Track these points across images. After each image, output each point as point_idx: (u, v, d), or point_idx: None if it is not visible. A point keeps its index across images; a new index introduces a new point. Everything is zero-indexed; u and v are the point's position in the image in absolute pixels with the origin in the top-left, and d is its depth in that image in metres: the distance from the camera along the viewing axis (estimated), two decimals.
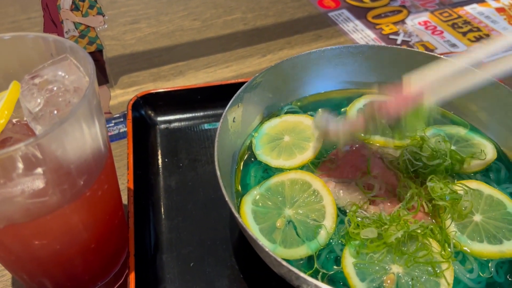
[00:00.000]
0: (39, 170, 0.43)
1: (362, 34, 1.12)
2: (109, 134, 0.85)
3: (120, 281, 0.65)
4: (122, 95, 0.92)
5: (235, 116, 0.68)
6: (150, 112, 0.86)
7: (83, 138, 0.46)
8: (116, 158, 0.82)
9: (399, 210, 0.60)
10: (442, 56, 0.73)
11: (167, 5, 1.19)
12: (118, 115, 0.88)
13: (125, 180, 0.75)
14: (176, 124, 0.86)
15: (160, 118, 0.86)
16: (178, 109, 0.87)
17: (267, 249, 0.50)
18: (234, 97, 0.67)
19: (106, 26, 0.74)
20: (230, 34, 1.10)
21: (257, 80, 0.70)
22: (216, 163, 0.59)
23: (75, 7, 0.69)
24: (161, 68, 0.99)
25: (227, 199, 0.54)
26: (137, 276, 0.61)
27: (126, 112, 0.82)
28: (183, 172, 0.78)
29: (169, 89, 0.86)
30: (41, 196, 0.45)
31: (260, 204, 0.62)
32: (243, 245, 0.69)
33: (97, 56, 0.77)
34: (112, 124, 0.87)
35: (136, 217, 0.67)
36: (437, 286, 0.54)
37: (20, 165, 0.42)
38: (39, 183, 0.44)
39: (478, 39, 1.10)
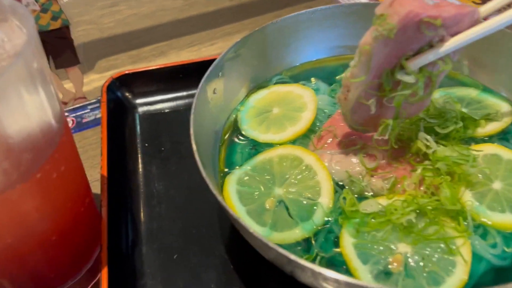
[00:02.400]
0: None
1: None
2: (85, 120, 0.78)
3: (95, 279, 0.58)
4: (99, 80, 0.85)
5: (215, 87, 0.60)
6: (127, 94, 0.78)
7: (23, 108, 0.39)
8: (93, 146, 0.75)
9: (404, 184, 0.52)
10: None
11: None
12: (94, 100, 0.81)
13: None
14: (156, 106, 0.79)
15: (138, 101, 0.79)
16: (158, 90, 0.79)
17: (252, 231, 0.42)
18: (212, 65, 0.59)
19: None
20: (215, 11, 1.02)
21: (239, 47, 0.63)
22: (192, 138, 0.51)
23: None
24: (141, 50, 0.92)
25: (204, 175, 0.47)
26: (112, 272, 0.54)
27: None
28: (165, 156, 0.71)
29: (147, 68, 0.79)
30: None
31: (246, 183, 0.55)
32: (233, 231, 0.61)
33: (63, 32, 0.69)
34: (88, 110, 0.80)
35: (110, 206, 0.60)
36: (452, 265, 0.47)
37: None
38: None
39: (484, 1, 1.01)
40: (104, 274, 0.53)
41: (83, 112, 0.79)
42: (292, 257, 0.41)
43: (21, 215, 0.44)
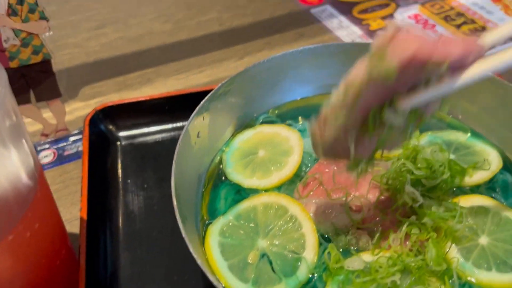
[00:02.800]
0: None
1: (348, 31, 1.03)
2: (67, 153, 0.76)
3: None
4: (83, 108, 0.83)
5: (199, 131, 0.59)
6: (111, 127, 0.77)
7: None
8: (74, 181, 0.73)
9: (389, 239, 0.51)
10: None
11: (136, 7, 1.10)
12: (76, 131, 0.79)
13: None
14: (141, 139, 0.77)
15: (122, 133, 0.77)
16: (144, 122, 0.78)
17: None
18: (197, 109, 0.58)
19: (51, 32, 0.65)
20: (205, 36, 1.00)
21: (224, 88, 0.61)
22: (173, 191, 0.50)
23: (12, 12, 0.60)
24: (127, 76, 0.90)
25: (184, 235, 0.45)
26: None
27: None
28: (148, 194, 0.69)
29: (132, 100, 0.77)
30: None
31: (229, 234, 0.53)
32: None
33: (44, 66, 0.67)
34: (70, 142, 0.78)
35: (89, 251, 0.58)
36: None
37: None
38: None
39: (473, 31, 1.01)
40: None
41: (65, 144, 0.77)
42: None
43: None
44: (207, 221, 0.56)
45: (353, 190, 0.56)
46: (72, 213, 0.68)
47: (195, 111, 0.58)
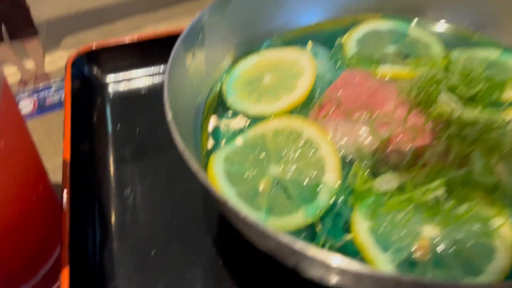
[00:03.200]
0: None
1: None
2: (48, 102, 0.68)
3: (56, 284, 0.48)
4: (65, 58, 0.74)
5: (194, 52, 0.51)
6: (96, 71, 0.68)
7: None
8: (57, 130, 0.64)
9: (425, 156, 0.43)
10: None
11: None
12: (59, 79, 0.70)
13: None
14: (130, 84, 0.69)
15: (109, 78, 0.69)
16: (132, 65, 0.69)
17: (243, 215, 0.33)
18: (191, 24, 0.50)
19: None
20: None
21: (221, 4, 0.53)
22: (166, 106, 0.42)
23: None
24: (114, 25, 0.82)
25: (180, 148, 0.37)
26: (75, 275, 0.44)
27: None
28: (141, 139, 0.61)
29: (118, 43, 0.68)
30: None
31: (236, 162, 0.46)
32: (222, 222, 0.52)
33: (16, 1, 0.59)
34: (52, 91, 0.69)
35: (74, 195, 0.50)
36: (490, 250, 0.38)
37: None
38: None
39: None
40: (64, 278, 0.43)
41: (46, 93, 0.69)
42: (298, 245, 0.31)
43: None
44: (209, 151, 0.48)
45: (378, 108, 0.48)
46: (56, 162, 0.60)
47: (188, 27, 0.49)
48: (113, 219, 0.52)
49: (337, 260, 0.30)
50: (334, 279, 0.34)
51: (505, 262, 0.37)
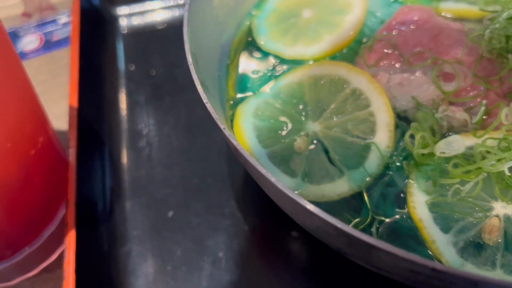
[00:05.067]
0: None
1: None
2: (55, 38, 0.61)
3: (61, 247, 0.43)
4: None
5: None
6: (106, 1, 0.60)
7: None
8: (64, 71, 0.58)
9: (500, 115, 0.35)
10: None
11: None
12: (66, 12, 0.63)
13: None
14: (146, 18, 0.61)
15: (121, 10, 0.61)
16: None
17: (275, 182, 0.27)
18: None
19: None
20: None
21: None
22: (186, 47, 0.34)
23: None
24: None
25: (204, 99, 0.30)
26: (82, 237, 0.39)
27: None
28: (157, 83, 0.54)
29: None
30: None
31: (266, 116, 0.38)
32: (248, 182, 0.46)
33: None
34: (60, 26, 0.62)
35: (81, 148, 0.44)
36: None
37: None
38: None
39: None
40: (70, 240, 0.38)
41: (52, 28, 0.62)
42: (347, 229, 0.25)
43: None
44: (235, 101, 0.41)
45: (442, 54, 0.39)
46: (63, 108, 0.54)
47: None
48: (125, 174, 0.46)
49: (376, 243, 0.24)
50: (373, 261, 0.28)
51: None
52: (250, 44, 0.45)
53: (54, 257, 0.43)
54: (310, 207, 0.25)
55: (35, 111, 0.38)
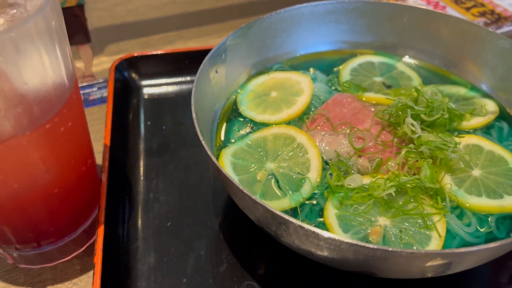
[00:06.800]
0: None
1: None
2: (91, 98, 0.82)
3: (91, 240, 0.61)
4: (108, 62, 0.89)
5: (217, 68, 0.64)
6: (134, 75, 0.82)
7: (39, 59, 0.43)
8: (97, 121, 0.78)
9: (388, 164, 0.55)
10: (441, 11, 0.69)
11: None
12: (101, 80, 0.84)
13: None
14: (161, 89, 0.82)
15: (145, 82, 0.82)
16: (164, 73, 0.83)
17: (241, 188, 0.45)
18: (216, 46, 0.63)
19: None
20: (224, 7, 1.06)
21: (243, 32, 0.67)
22: (192, 107, 0.54)
23: None
24: (150, 38, 0.96)
25: (201, 139, 0.50)
26: (107, 231, 0.57)
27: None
28: (166, 134, 0.74)
29: (155, 53, 0.83)
30: None
31: (240, 157, 0.58)
32: (226, 206, 0.64)
33: (76, 11, 0.74)
34: (96, 89, 0.83)
35: (111, 173, 0.63)
36: (427, 239, 0.50)
37: None
38: None
39: (482, 14, 1.05)
40: (100, 233, 0.56)
41: (90, 90, 0.83)
42: (278, 213, 0.44)
43: (28, 163, 0.47)
44: (220, 146, 0.61)
45: (357, 125, 0.60)
46: (95, 148, 0.73)
47: (214, 48, 0.63)
48: (140, 196, 0.65)
49: (303, 225, 0.42)
50: (304, 242, 0.46)
51: (437, 248, 0.49)
52: (234, 111, 0.66)
53: (83, 248, 0.60)
54: (255, 198, 0.44)
55: (88, 142, 0.57)
